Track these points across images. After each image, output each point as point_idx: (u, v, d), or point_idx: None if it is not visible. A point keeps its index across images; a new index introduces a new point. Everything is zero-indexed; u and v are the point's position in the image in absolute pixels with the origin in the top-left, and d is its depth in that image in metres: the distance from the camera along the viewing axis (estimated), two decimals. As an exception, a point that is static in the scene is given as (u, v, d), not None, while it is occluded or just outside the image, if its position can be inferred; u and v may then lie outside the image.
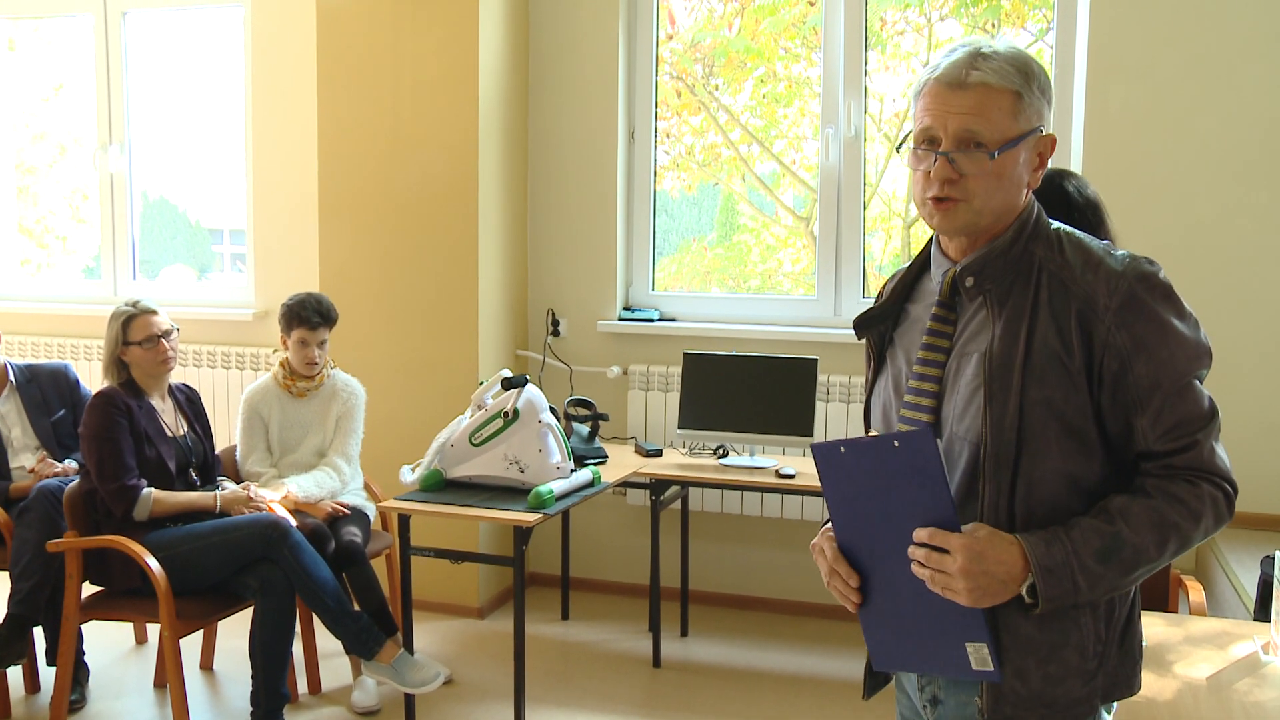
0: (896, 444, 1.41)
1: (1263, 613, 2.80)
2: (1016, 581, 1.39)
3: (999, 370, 1.45)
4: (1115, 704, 1.57)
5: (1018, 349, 1.45)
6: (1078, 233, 1.52)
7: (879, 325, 1.65)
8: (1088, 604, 1.44)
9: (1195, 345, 1.46)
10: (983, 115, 1.44)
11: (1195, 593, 2.83)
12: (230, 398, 5.02)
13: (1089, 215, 2.23)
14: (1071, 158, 4.11)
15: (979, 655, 1.44)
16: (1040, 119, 1.48)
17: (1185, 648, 2.19)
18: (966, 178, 1.45)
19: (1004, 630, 1.46)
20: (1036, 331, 1.45)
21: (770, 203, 4.99)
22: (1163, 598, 2.90)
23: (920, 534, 1.41)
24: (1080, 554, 1.38)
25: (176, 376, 3.63)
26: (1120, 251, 1.48)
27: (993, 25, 4.51)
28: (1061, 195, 2.25)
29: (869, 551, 1.50)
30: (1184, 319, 1.46)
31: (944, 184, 1.46)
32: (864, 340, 1.68)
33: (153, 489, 3.31)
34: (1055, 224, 1.53)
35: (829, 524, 1.55)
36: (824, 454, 1.48)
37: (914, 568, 1.41)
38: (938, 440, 1.46)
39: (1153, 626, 2.31)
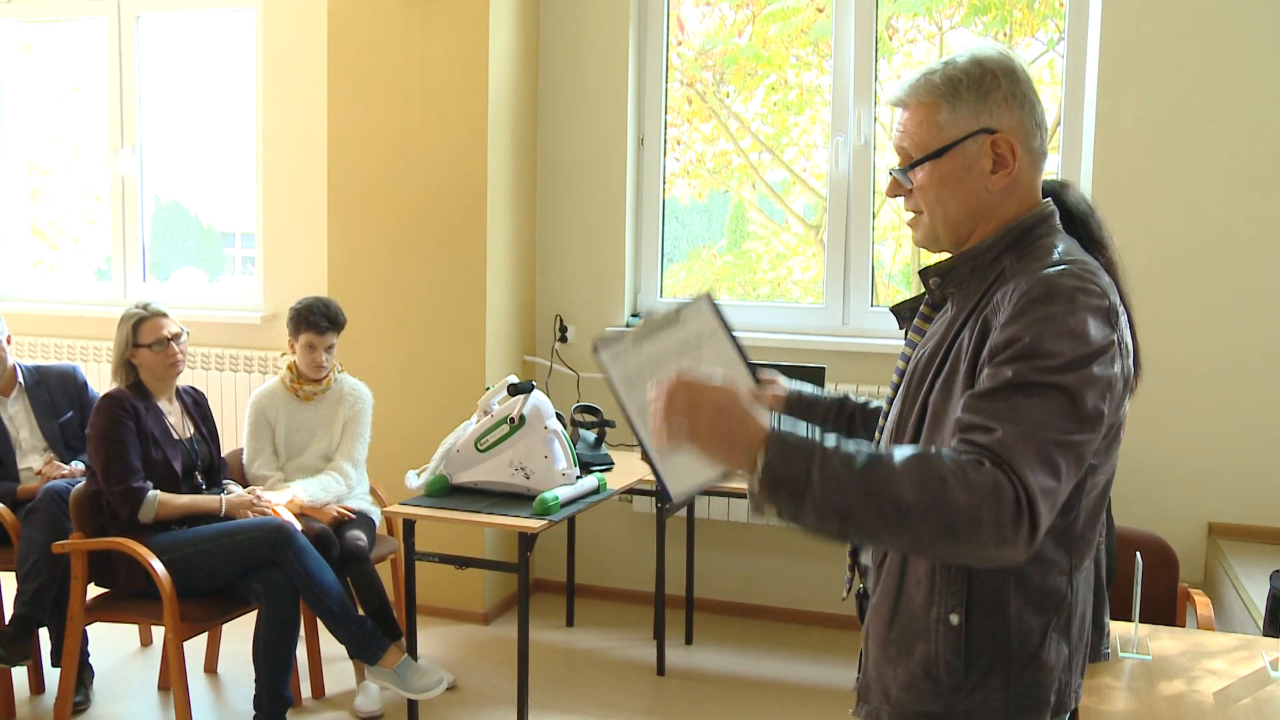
0: (679, 313, 1.47)
1: (1272, 627, 2.78)
2: (754, 442, 1.26)
3: (917, 373, 1.48)
4: None
5: (939, 354, 1.45)
6: (1063, 245, 1.45)
7: (907, 318, 1.65)
8: (820, 514, 1.25)
9: (1070, 359, 1.29)
10: (909, 133, 1.49)
11: (1204, 607, 2.81)
12: (238, 400, 5.02)
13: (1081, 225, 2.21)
14: (1082, 166, 4.09)
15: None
16: (978, 122, 1.44)
17: (1192, 661, 2.17)
18: (914, 192, 1.50)
19: (870, 624, 1.52)
20: (960, 336, 1.44)
21: (780, 210, 4.99)
22: (1170, 611, 2.88)
23: (681, 374, 1.31)
24: (827, 447, 1.26)
25: (184, 379, 3.64)
26: (1066, 264, 1.38)
27: (1004, 35, 4.50)
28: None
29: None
30: (1078, 335, 1.31)
31: (903, 200, 1.52)
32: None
33: (158, 491, 3.32)
34: (1062, 238, 1.47)
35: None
36: (611, 349, 1.48)
37: (652, 410, 1.32)
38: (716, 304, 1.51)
39: (1159, 640, 2.29)
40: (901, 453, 1.26)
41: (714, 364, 1.44)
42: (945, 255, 1.54)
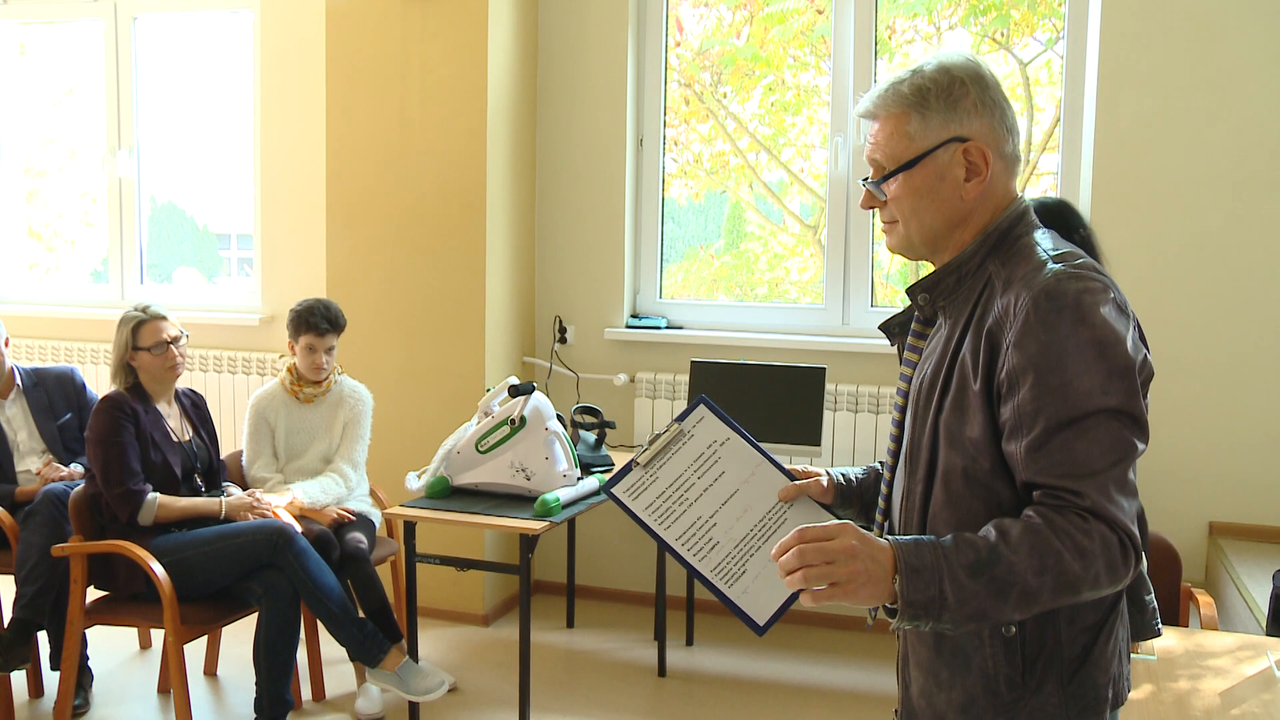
0: (681, 427, 1.48)
1: (1275, 627, 2.79)
2: (888, 573, 1.28)
3: (923, 394, 1.46)
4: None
5: (941, 372, 1.44)
6: (1046, 242, 1.43)
7: (897, 334, 1.63)
8: (957, 622, 1.29)
9: (1104, 377, 1.30)
10: (880, 144, 1.48)
11: (1207, 607, 2.81)
12: (237, 402, 5.01)
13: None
14: (1082, 166, 4.10)
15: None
16: (949, 131, 1.44)
17: (1198, 661, 2.17)
18: (889, 203, 1.49)
19: (911, 652, 1.52)
20: (961, 352, 1.42)
21: (777, 211, 4.99)
22: (1173, 611, 2.88)
23: (801, 533, 1.30)
24: (951, 562, 1.28)
25: (183, 381, 3.63)
26: (1059, 264, 1.37)
27: (1002, 34, 4.51)
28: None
29: (720, 539, 1.48)
30: (1102, 344, 1.31)
31: (877, 210, 1.52)
32: (894, 346, 1.67)
33: (158, 494, 3.31)
34: (1041, 234, 1.46)
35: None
36: (624, 485, 1.50)
37: (783, 572, 1.29)
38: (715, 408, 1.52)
39: (1164, 640, 2.29)
40: (1013, 534, 1.29)
41: (737, 470, 1.43)
42: (928, 270, 1.53)
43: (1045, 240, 1.44)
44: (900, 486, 1.51)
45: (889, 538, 1.32)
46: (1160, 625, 1.59)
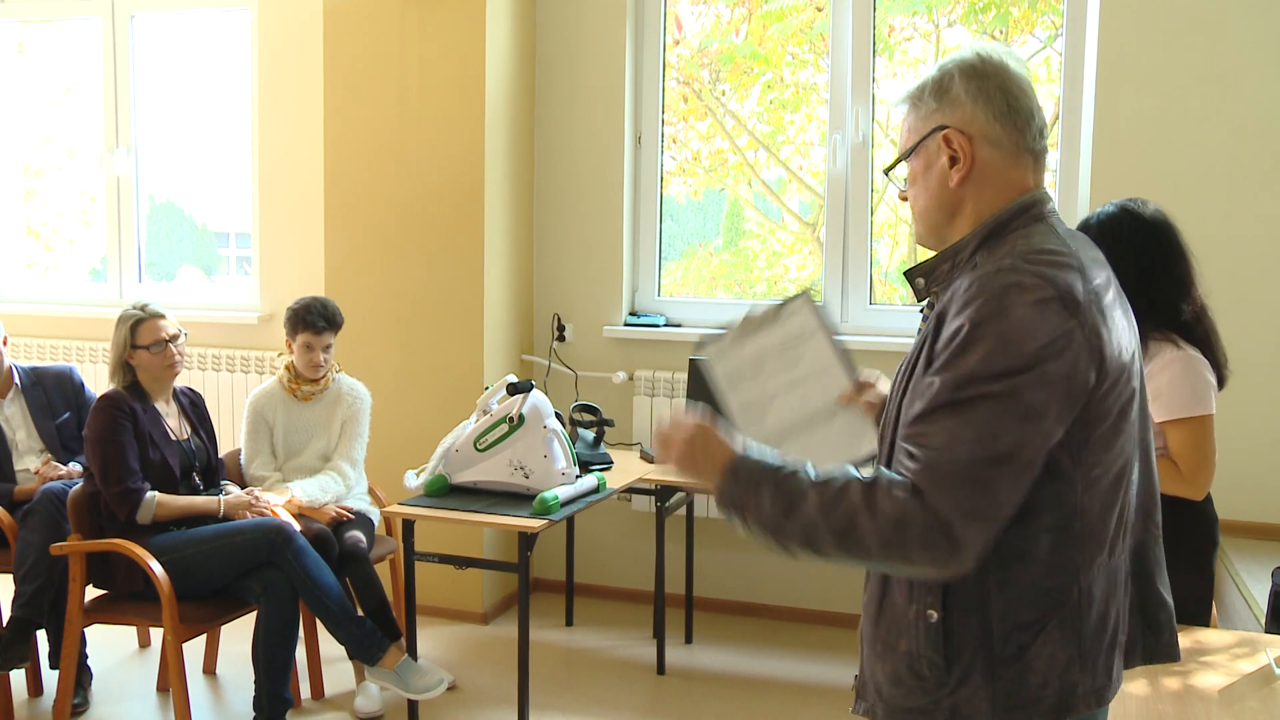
0: (779, 311, 1.60)
1: (1274, 625, 2.79)
2: (719, 467, 1.45)
3: (899, 375, 1.52)
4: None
5: (912, 354, 1.49)
6: (1035, 237, 1.43)
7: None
8: (761, 525, 1.41)
9: (1000, 370, 1.30)
10: (902, 138, 1.58)
11: (1205, 603, 2.80)
12: (235, 401, 5.01)
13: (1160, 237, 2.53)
14: (1080, 164, 4.09)
15: None
16: (935, 120, 1.50)
17: (1196, 659, 2.17)
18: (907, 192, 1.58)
19: (861, 622, 1.58)
20: (928, 340, 1.45)
21: (776, 208, 4.98)
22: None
23: (674, 417, 1.51)
24: (781, 476, 1.40)
25: (181, 380, 3.62)
26: (1013, 259, 1.38)
27: (1001, 32, 4.50)
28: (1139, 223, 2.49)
29: (770, 418, 1.61)
30: (1007, 338, 1.31)
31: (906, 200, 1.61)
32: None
33: (156, 492, 3.31)
34: (1039, 227, 1.45)
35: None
36: (715, 347, 1.61)
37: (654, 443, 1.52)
38: (817, 303, 1.63)
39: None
40: (840, 481, 1.38)
41: (812, 364, 1.54)
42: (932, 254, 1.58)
43: (1036, 235, 1.43)
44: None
45: (745, 451, 1.45)
46: (1179, 650, 1.55)
